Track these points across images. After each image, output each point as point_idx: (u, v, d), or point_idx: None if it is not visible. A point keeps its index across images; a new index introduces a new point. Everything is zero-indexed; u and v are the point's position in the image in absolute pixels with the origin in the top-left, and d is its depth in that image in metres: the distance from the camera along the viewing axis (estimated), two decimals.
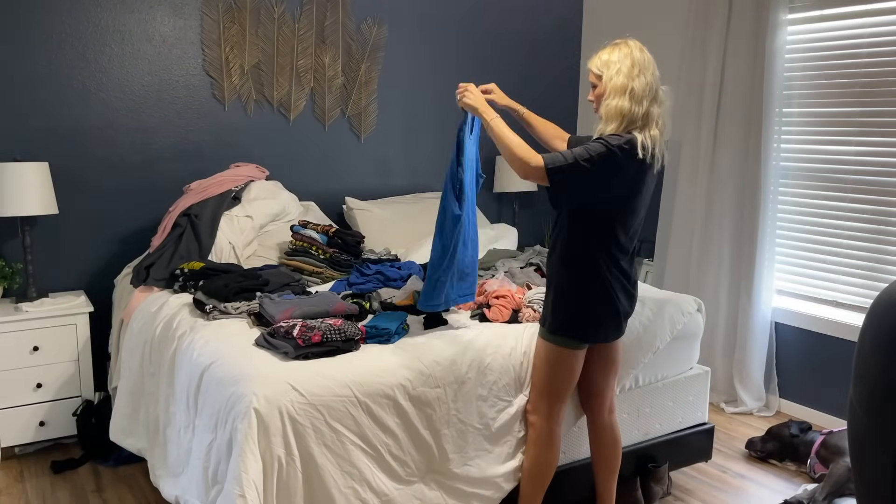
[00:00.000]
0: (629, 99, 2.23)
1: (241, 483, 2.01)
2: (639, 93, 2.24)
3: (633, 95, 2.24)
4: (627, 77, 2.24)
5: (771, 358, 3.91)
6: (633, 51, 2.29)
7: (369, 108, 4.27)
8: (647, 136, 2.24)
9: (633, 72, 2.25)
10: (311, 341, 2.31)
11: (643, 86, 2.25)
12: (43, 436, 3.31)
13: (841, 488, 2.91)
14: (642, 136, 2.23)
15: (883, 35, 3.40)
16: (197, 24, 3.75)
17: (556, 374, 2.41)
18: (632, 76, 2.24)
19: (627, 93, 2.23)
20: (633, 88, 2.24)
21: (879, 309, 1.37)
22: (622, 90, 2.24)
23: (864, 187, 3.53)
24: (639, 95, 2.24)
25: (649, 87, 2.26)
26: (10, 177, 3.19)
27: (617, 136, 2.23)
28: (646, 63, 2.28)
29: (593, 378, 2.55)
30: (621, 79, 2.24)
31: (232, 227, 3.44)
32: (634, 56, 2.27)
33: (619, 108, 2.23)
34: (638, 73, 2.25)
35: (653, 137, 2.25)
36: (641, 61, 2.27)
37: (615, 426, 2.62)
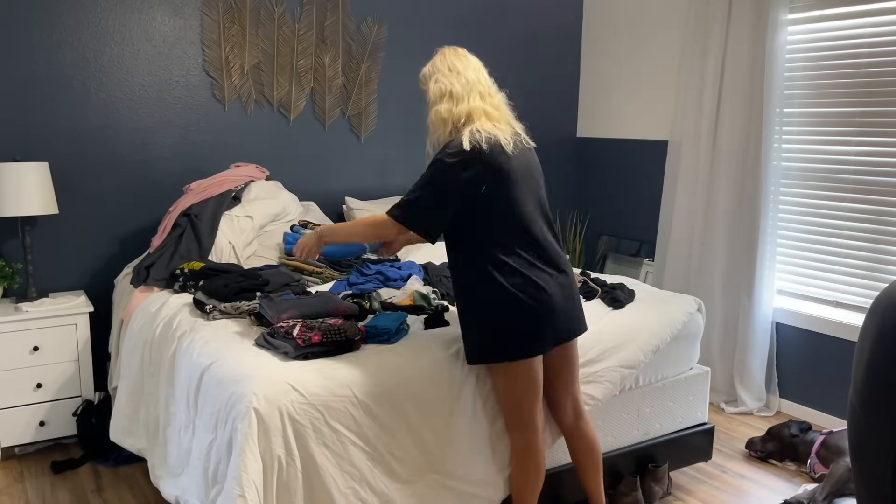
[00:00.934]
0: (448, 100, 2.28)
1: (241, 483, 2.01)
2: (459, 93, 2.28)
3: (452, 96, 2.28)
4: (445, 82, 2.30)
5: (771, 358, 3.91)
6: (448, 56, 2.36)
7: (369, 108, 4.27)
8: (473, 130, 2.24)
9: (450, 76, 2.31)
10: (311, 341, 2.31)
11: (464, 84, 2.29)
12: (43, 436, 3.31)
13: (841, 488, 2.91)
14: (468, 133, 2.23)
15: (883, 35, 3.40)
16: (197, 24, 3.75)
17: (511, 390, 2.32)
18: (449, 80, 2.30)
19: (446, 96, 2.29)
20: (452, 91, 2.28)
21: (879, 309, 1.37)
22: (441, 95, 2.30)
23: (865, 187, 3.53)
24: (459, 95, 2.28)
25: (470, 85, 2.30)
26: (10, 177, 3.19)
27: (442, 151, 2.26)
28: (464, 65, 2.34)
29: (549, 386, 2.46)
30: (438, 85, 2.31)
31: (232, 227, 3.44)
32: (449, 60, 2.34)
33: (438, 112, 2.29)
34: (457, 74, 2.31)
35: (484, 129, 2.24)
36: (457, 64, 2.34)
37: (586, 431, 2.52)
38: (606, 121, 4.87)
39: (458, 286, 2.34)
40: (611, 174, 4.85)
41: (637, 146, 4.66)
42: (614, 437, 2.86)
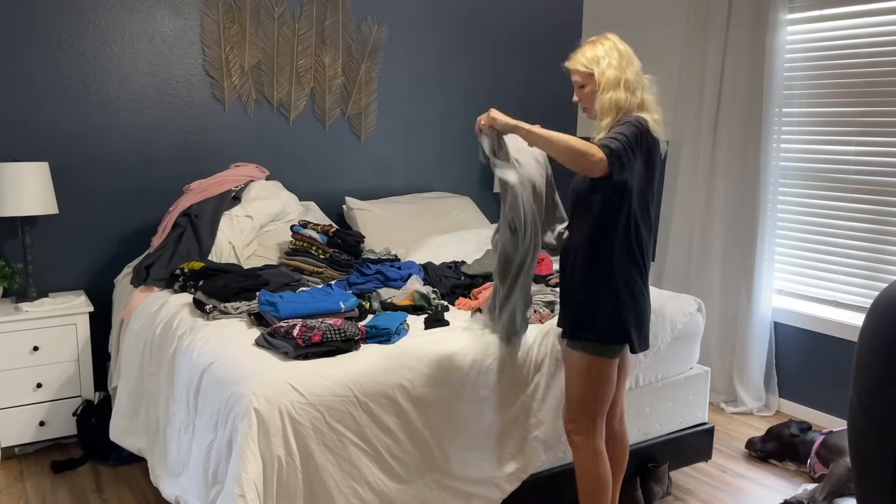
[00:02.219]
0: (624, 90, 2.21)
1: (240, 483, 2.01)
2: (632, 83, 2.23)
3: (628, 86, 2.22)
4: (618, 69, 2.22)
5: (771, 358, 3.91)
6: (617, 43, 2.26)
7: (369, 108, 4.27)
8: (650, 119, 2.23)
9: (622, 63, 2.23)
10: (312, 341, 2.31)
11: (634, 75, 2.24)
12: (43, 436, 3.31)
13: (841, 488, 2.91)
14: (650, 118, 2.22)
15: (883, 35, 3.40)
16: (197, 24, 3.75)
17: (597, 388, 2.29)
18: (622, 67, 2.22)
19: (622, 84, 2.21)
20: (627, 79, 2.22)
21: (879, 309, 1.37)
22: (616, 82, 2.22)
23: (864, 187, 3.53)
24: (633, 85, 2.23)
25: (638, 77, 2.25)
26: (10, 177, 3.19)
27: (631, 116, 2.20)
28: (630, 54, 2.26)
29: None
30: (613, 71, 2.22)
31: (232, 227, 3.44)
32: (619, 48, 2.25)
33: (615, 100, 2.21)
34: (627, 63, 2.24)
35: (655, 121, 2.25)
36: (626, 53, 2.26)
37: (624, 436, 2.57)
38: None
39: (595, 270, 2.24)
40: None
41: None
42: None
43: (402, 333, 2.56)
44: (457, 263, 3.49)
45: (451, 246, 3.73)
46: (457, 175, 4.66)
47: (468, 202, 4.39)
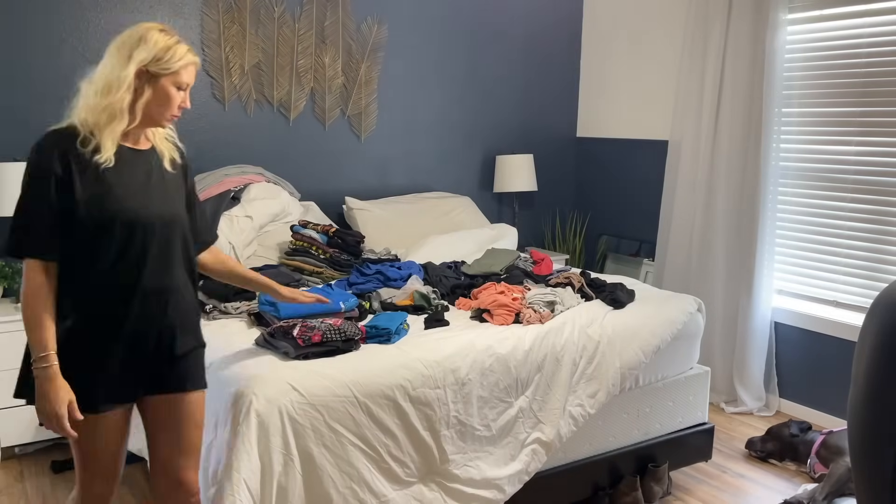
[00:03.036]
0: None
1: (233, 483, 2.01)
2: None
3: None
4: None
5: (771, 358, 3.91)
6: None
7: (369, 108, 4.27)
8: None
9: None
10: (312, 341, 2.31)
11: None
12: (43, 436, 3.30)
13: (841, 488, 2.91)
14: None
15: (883, 35, 3.40)
16: (197, 24, 3.75)
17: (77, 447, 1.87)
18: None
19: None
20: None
21: (879, 309, 1.37)
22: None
23: (864, 187, 3.53)
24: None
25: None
26: (10, 177, 3.19)
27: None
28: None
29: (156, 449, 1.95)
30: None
31: (232, 227, 3.43)
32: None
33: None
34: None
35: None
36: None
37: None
38: (606, 121, 4.87)
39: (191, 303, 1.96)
40: (611, 174, 4.85)
41: (637, 146, 4.66)
42: (614, 437, 2.86)
43: (402, 333, 2.56)
44: (457, 263, 3.49)
45: (451, 246, 3.73)
46: (457, 175, 4.66)
47: (468, 202, 4.39)
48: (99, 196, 1.78)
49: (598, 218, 4.99)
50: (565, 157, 5.06)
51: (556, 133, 5.01)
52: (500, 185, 4.63)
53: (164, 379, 1.89)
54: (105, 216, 1.78)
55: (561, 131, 5.03)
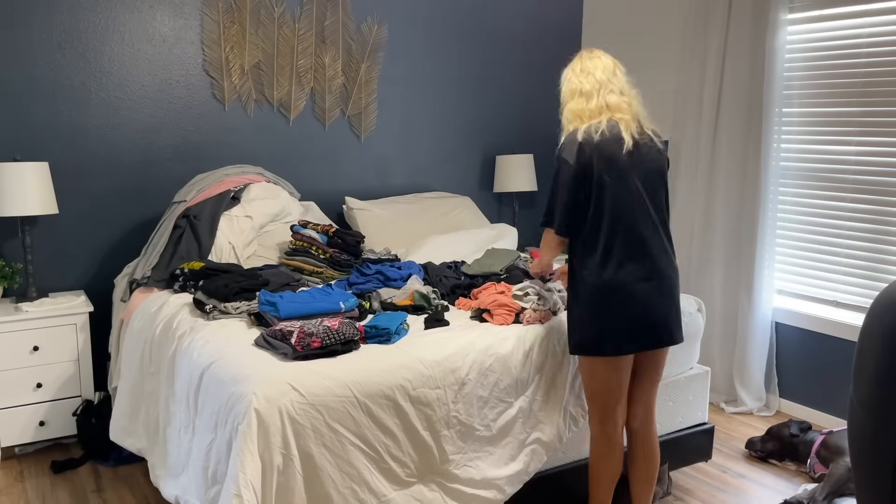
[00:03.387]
0: (579, 98, 2.43)
1: (237, 482, 2.01)
2: (588, 90, 2.42)
3: (583, 93, 2.41)
4: (574, 82, 2.45)
5: (771, 358, 3.91)
6: (582, 58, 2.49)
7: (369, 108, 4.27)
8: (603, 121, 2.37)
9: (579, 77, 2.45)
10: (311, 348, 2.31)
11: (593, 83, 2.42)
12: (43, 436, 3.31)
13: (841, 488, 2.91)
14: (584, 126, 2.38)
15: (883, 35, 3.40)
16: (197, 24, 3.75)
17: (593, 384, 2.45)
18: (579, 81, 2.44)
19: (576, 95, 2.44)
20: (583, 90, 2.42)
21: (879, 309, 1.37)
22: (571, 95, 2.46)
23: (864, 187, 3.53)
24: (588, 92, 2.41)
25: (599, 84, 2.41)
26: (10, 177, 3.19)
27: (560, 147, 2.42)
28: (591, 67, 2.44)
29: (632, 386, 2.53)
30: (567, 86, 2.48)
31: (232, 227, 3.43)
32: (583, 62, 2.47)
33: (571, 110, 2.44)
34: (586, 75, 2.44)
35: (621, 120, 2.38)
36: (586, 67, 2.45)
37: (651, 439, 2.56)
38: None
39: (571, 284, 2.47)
40: None
41: None
42: None
43: (402, 333, 2.56)
44: (457, 263, 3.49)
45: (451, 246, 3.73)
46: (457, 175, 4.66)
47: (468, 202, 4.39)
48: None
49: None
50: None
51: (556, 133, 4.99)
52: (500, 185, 4.63)
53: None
54: None
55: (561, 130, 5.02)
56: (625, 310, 2.33)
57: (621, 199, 2.33)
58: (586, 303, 2.37)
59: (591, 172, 2.33)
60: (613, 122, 2.37)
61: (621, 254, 2.32)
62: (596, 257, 2.34)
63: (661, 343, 2.40)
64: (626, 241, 2.33)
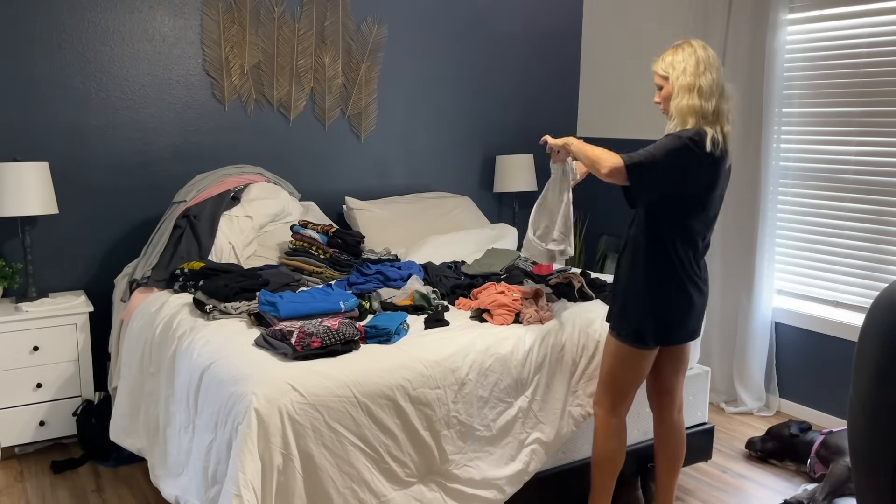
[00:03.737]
0: (698, 96, 2.29)
1: (237, 482, 2.01)
2: (706, 89, 2.29)
3: (701, 92, 2.29)
4: (694, 75, 2.30)
5: (771, 358, 3.91)
6: (697, 49, 2.34)
7: (369, 108, 4.27)
8: (717, 131, 2.29)
9: (698, 69, 2.30)
10: (311, 348, 2.31)
11: (710, 82, 2.30)
12: (43, 436, 3.31)
13: (841, 488, 2.91)
14: (713, 131, 2.28)
15: (883, 35, 3.40)
16: (197, 24, 3.75)
17: (623, 372, 2.45)
18: (697, 74, 2.30)
19: (696, 90, 2.29)
20: (701, 86, 2.29)
21: (879, 309, 1.37)
22: (690, 88, 2.30)
23: (864, 187, 3.53)
24: (706, 92, 2.29)
25: (716, 84, 2.31)
26: (10, 177, 3.19)
27: (686, 130, 2.29)
28: (710, 60, 2.33)
29: (664, 376, 2.57)
30: (688, 77, 2.31)
31: (232, 227, 3.43)
32: (699, 54, 2.32)
33: (690, 105, 2.30)
34: (703, 70, 2.30)
35: (725, 133, 2.32)
36: (706, 59, 2.32)
37: (682, 426, 2.64)
38: (606, 121, 4.87)
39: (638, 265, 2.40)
40: None
41: (637, 146, 4.63)
42: None
43: (402, 333, 2.56)
44: (457, 263, 3.49)
45: (451, 246, 3.73)
46: (457, 175, 4.66)
47: (468, 202, 4.39)
48: None
49: (598, 218, 4.99)
50: None
51: (556, 133, 5.00)
52: (500, 185, 4.63)
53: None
54: None
55: (561, 131, 5.02)
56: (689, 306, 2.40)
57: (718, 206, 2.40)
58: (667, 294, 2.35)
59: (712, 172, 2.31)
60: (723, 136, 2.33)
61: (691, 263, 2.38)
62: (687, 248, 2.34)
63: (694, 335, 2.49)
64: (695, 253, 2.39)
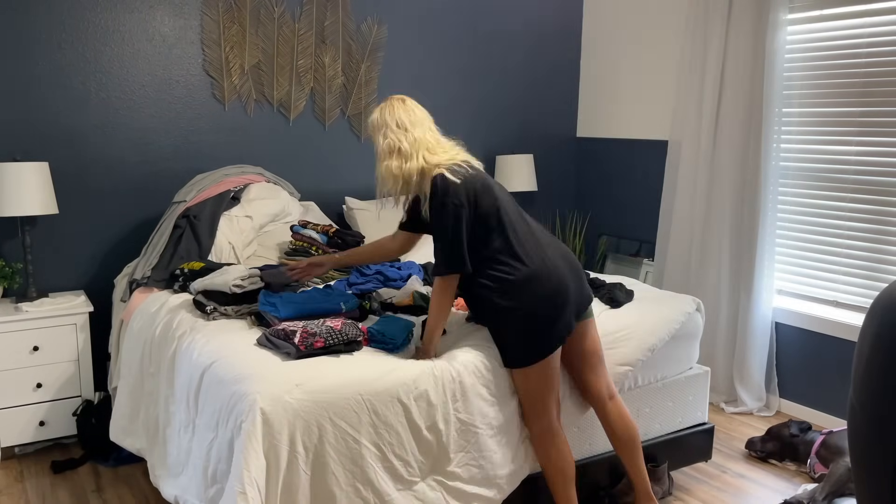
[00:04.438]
0: (398, 157, 2.33)
1: (242, 480, 2.01)
2: (407, 150, 2.32)
3: (402, 154, 2.32)
4: (393, 137, 2.33)
5: (771, 358, 3.91)
6: (396, 109, 2.37)
7: (369, 108, 4.27)
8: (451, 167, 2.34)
9: (398, 132, 2.34)
10: (314, 347, 2.31)
11: (411, 142, 2.33)
12: (43, 436, 3.31)
13: (841, 488, 2.91)
14: (447, 171, 2.31)
15: (883, 35, 3.40)
16: (197, 24, 3.75)
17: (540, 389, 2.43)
18: (397, 136, 2.33)
19: (395, 153, 2.33)
20: (401, 148, 2.32)
21: (879, 309, 1.36)
22: (390, 151, 2.34)
23: (864, 187, 3.53)
24: (407, 152, 2.32)
25: (418, 142, 2.34)
26: (10, 177, 3.19)
27: (439, 198, 2.29)
28: (406, 119, 2.36)
29: (578, 372, 2.58)
30: (387, 141, 2.34)
31: (231, 227, 3.43)
32: (397, 115, 2.36)
33: (389, 168, 2.33)
34: (405, 131, 2.34)
35: (453, 159, 2.36)
36: (405, 120, 2.36)
37: (621, 410, 2.62)
38: (606, 121, 4.87)
39: (480, 301, 2.42)
40: (611, 174, 4.86)
41: (637, 146, 4.66)
42: None
43: (407, 344, 2.54)
44: None
45: None
46: None
47: None
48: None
49: (598, 218, 4.99)
50: (565, 157, 5.06)
51: (556, 133, 5.01)
52: None
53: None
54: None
55: (561, 131, 5.03)
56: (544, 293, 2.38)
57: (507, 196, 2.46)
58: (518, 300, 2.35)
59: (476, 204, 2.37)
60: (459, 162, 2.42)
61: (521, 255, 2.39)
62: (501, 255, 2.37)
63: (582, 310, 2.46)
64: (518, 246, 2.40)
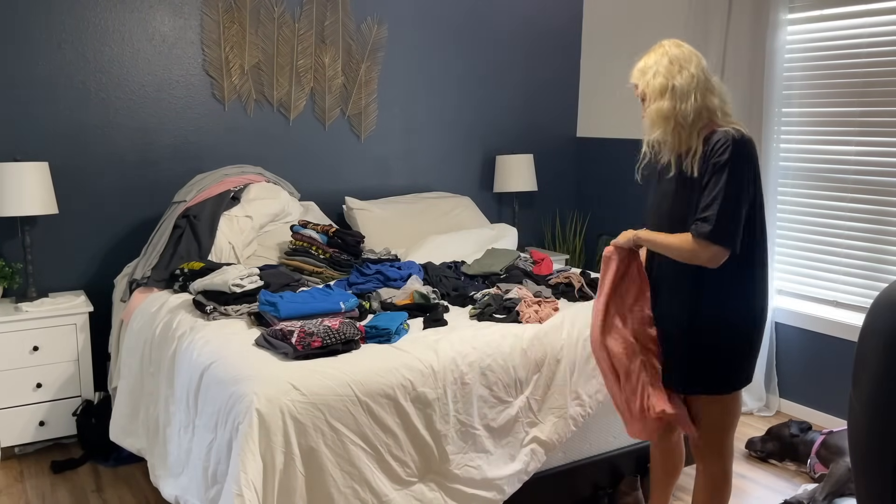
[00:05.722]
0: (670, 98, 2.09)
1: (239, 482, 2.01)
2: (682, 89, 2.09)
3: (675, 92, 2.09)
4: (666, 76, 2.10)
5: (771, 358, 3.91)
6: (669, 49, 2.14)
7: (369, 108, 4.27)
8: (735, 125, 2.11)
9: (672, 69, 2.10)
10: (311, 347, 2.31)
11: (687, 80, 2.09)
12: (43, 436, 3.31)
13: (841, 488, 2.91)
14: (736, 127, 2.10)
15: (883, 35, 3.40)
16: (197, 24, 3.75)
17: (731, 416, 2.27)
18: (671, 74, 2.10)
19: (668, 92, 2.10)
20: (675, 86, 2.09)
21: (879, 309, 1.37)
22: (662, 91, 2.11)
23: (864, 187, 3.53)
24: (682, 91, 2.09)
25: (697, 80, 2.09)
26: (10, 177, 3.19)
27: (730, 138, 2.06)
28: (685, 57, 2.11)
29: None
30: (659, 80, 2.11)
31: (231, 227, 3.43)
32: (671, 53, 2.12)
33: (659, 109, 2.11)
34: (679, 69, 2.10)
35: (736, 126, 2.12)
36: (680, 56, 2.11)
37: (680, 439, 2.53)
38: (606, 121, 4.87)
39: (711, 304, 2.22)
40: (611, 174, 4.85)
41: (637, 146, 4.64)
42: (614, 437, 2.86)
43: (402, 333, 2.56)
44: (457, 263, 3.49)
45: (451, 246, 3.73)
46: (457, 175, 4.66)
47: (468, 202, 4.39)
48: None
49: (598, 218, 4.99)
50: (565, 157, 5.06)
51: (556, 133, 5.01)
52: (500, 185, 4.63)
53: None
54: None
55: (561, 131, 5.03)
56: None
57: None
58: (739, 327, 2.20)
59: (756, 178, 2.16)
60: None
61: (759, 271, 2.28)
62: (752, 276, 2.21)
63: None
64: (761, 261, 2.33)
